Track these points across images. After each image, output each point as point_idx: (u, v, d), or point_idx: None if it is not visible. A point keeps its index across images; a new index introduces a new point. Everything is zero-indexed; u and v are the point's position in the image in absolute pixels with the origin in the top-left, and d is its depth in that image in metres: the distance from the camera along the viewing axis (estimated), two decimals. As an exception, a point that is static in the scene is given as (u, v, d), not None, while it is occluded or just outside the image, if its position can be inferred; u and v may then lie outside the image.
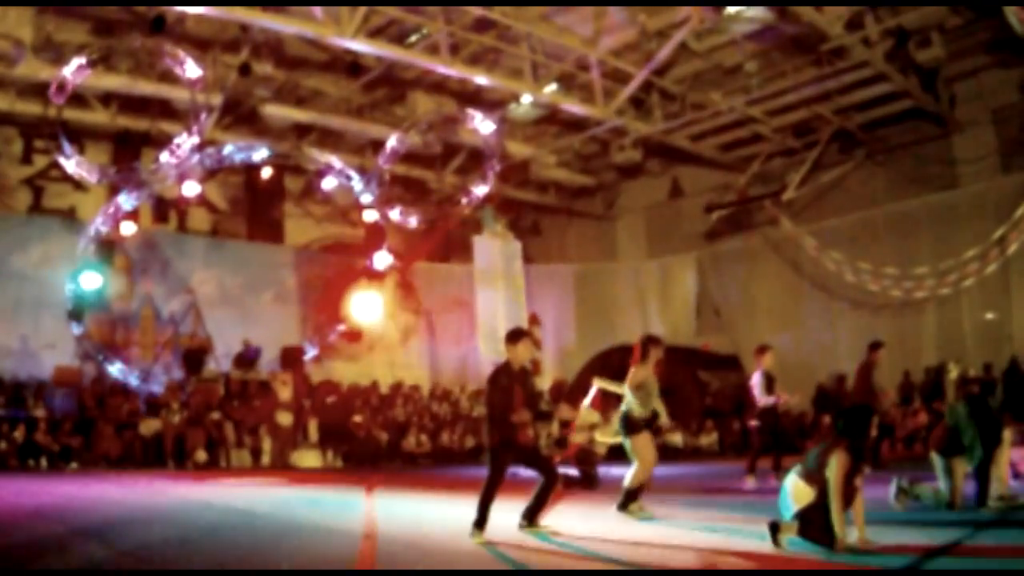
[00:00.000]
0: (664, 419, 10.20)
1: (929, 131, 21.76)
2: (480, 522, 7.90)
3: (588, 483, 13.19)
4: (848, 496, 7.01)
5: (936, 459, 9.57)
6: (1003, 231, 16.93)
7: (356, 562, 7.02)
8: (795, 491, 7.18)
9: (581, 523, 8.91)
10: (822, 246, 20.76)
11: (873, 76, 19.29)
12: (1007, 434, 9.77)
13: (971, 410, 9.43)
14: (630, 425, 9.62)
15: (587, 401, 13.51)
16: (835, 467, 6.99)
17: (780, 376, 13.42)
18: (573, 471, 13.35)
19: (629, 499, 9.50)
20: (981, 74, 20.58)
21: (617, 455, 12.70)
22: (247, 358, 21.10)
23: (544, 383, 23.45)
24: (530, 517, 8.26)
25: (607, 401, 13.49)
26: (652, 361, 9.79)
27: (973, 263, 17.58)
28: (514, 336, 8.53)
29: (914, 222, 21.60)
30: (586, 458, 13.47)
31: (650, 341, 9.95)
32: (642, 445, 9.62)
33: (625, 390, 9.82)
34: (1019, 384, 17.80)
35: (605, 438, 13.33)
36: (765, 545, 7.04)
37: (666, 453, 15.27)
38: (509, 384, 8.23)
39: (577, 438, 13.60)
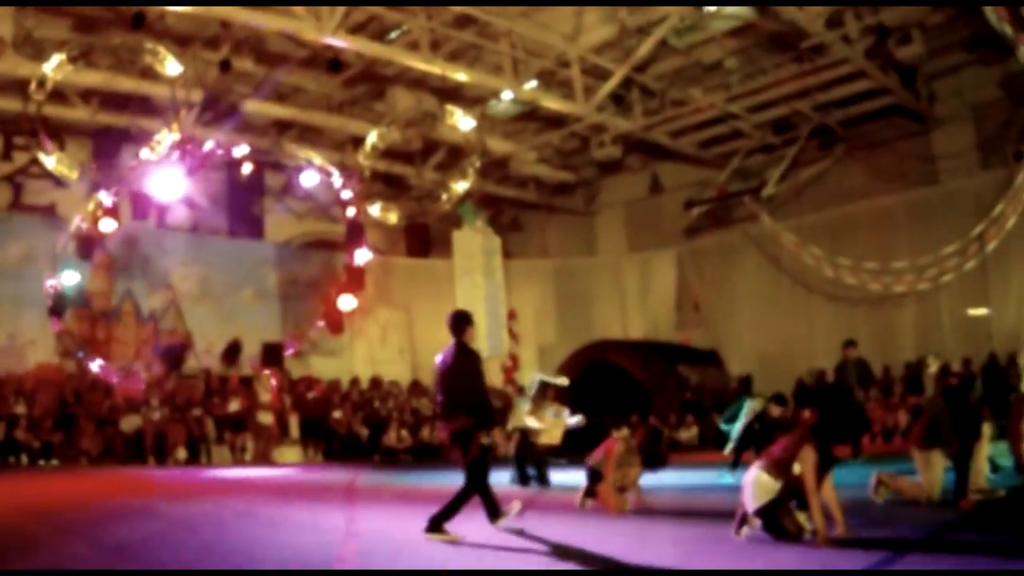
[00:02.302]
0: None
1: (909, 127, 21.89)
2: (494, 511, 7.95)
3: (522, 481, 13.30)
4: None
5: (915, 452, 9.66)
6: (982, 227, 17.02)
7: (336, 561, 7.01)
8: (759, 484, 7.20)
9: (558, 525, 8.91)
10: (801, 241, 20.81)
11: (853, 73, 19.37)
12: (986, 428, 9.88)
13: (950, 404, 9.52)
14: None
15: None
16: (805, 464, 7.06)
17: (759, 372, 13.50)
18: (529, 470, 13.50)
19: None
20: (961, 71, 20.71)
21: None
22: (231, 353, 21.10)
23: (524, 379, 23.52)
24: (436, 523, 7.72)
25: (545, 393, 13.65)
26: None
27: (952, 259, 17.66)
28: (466, 319, 8.32)
29: (893, 218, 21.72)
30: (528, 454, 13.56)
31: None
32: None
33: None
34: (998, 379, 17.92)
35: (540, 424, 13.43)
36: (746, 542, 7.11)
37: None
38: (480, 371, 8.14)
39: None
